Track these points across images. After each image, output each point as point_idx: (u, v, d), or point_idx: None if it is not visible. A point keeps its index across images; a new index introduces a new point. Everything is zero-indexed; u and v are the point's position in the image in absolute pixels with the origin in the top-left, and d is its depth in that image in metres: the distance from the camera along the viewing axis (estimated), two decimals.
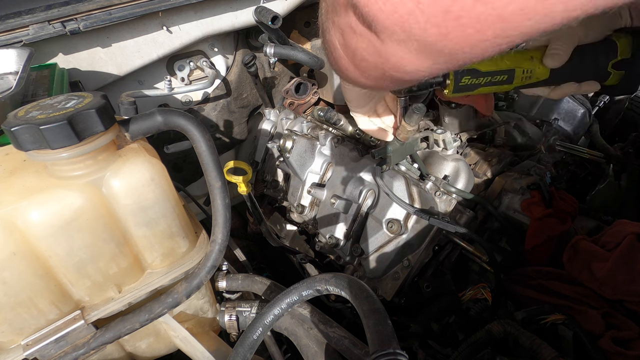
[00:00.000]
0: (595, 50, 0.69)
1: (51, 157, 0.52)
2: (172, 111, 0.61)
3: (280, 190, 1.41)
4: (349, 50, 0.48)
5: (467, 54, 0.39)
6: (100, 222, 0.58)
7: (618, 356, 0.75)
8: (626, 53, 0.69)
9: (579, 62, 0.69)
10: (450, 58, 0.40)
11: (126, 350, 0.79)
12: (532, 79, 0.71)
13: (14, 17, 0.88)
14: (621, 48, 0.69)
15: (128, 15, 0.94)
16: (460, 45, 0.37)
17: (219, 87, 1.32)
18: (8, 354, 0.59)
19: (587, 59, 0.69)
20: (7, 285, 0.54)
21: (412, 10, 0.35)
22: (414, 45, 0.39)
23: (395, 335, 0.57)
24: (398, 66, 0.44)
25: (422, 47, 0.39)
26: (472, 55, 0.39)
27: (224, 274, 0.91)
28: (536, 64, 0.69)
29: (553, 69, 0.69)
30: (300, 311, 0.80)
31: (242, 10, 1.14)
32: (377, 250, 1.06)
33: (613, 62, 0.69)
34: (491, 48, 0.38)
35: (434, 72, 0.44)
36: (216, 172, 0.64)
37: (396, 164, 1.05)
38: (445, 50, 0.38)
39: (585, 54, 0.69)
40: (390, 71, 0.46)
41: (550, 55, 0.68)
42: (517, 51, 0.72)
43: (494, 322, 0.84)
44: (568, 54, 0.67)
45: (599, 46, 0.69)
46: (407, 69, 0.44)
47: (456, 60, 0.40)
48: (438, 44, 0.38)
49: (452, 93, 0.72)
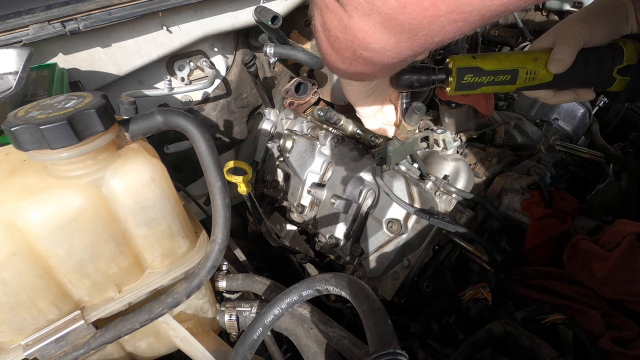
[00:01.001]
0: (600, 54, 0.68)
1: (51, 157, 0.52)
2: (172, 111, 0.61)
3: (280, 190, 1.41)
4: (326, 30, 0.50)
5: (426, 29, 0.40)
6: (100, 222, 0.58)
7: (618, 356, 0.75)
8: (632, 59, 0.68)
9: (583, 65, 0.68)
10: (412, 35, 0.42)
11: (126, 350, 0.79)
12: (535, 80, 0.70)
13: (14, 17, 0.87)
14: (627, 54, 0.67)
15: (128, 15, 0.94)
16: (418, 20, 0.39)
17: (219, 87, 1.32)
18: (8, 354, 0.59)
19: (591, 63, 0.68)
20: (7, 285, 0.54)
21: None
22: (377, 19, 0.41)
23: (395, 335, 0.57)
24: (365, 43, 0.46)
25: (384, 20, 0.41)
26: (431, 32, 0.41)
27: (224, 274, 0.91)
28: (540, 66, 0.68)
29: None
30: (300, 311, 0.80)
31: (242, 10, 1.14)
32: (377, 250, 1.06)
33: (618, 67, 0.68)
34: (448, 25, 0.39)
35: (401, 51, 0.46)
36: (216, 172, 0.64)
37: (396, 163, 1.05)
38: (406, 25, 0.40)
39: (590, 57, 0.68)
40: (359, 50, 0.48)
41: (554, 61, 0.67)
42: (521, 52, 0.71)
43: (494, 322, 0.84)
44: (572, 59, 0.66)
45: (605, 50, 0.68)
46: (374, 47, 0.46)
47: (417, 37, 0.42)
48: (398, 17, 0.40)
49: (454, 91, 0.72)
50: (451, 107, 1.01)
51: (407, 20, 0.40)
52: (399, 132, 0.95)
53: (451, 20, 0.39)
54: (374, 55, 0.48)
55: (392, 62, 0.49)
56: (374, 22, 0.42)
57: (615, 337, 0.78)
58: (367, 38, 0.45)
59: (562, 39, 0.67)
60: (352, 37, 0.46)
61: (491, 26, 1.77)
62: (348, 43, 0.48)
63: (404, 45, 0.44)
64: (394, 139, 0.97)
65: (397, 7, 0.38)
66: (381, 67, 0.53)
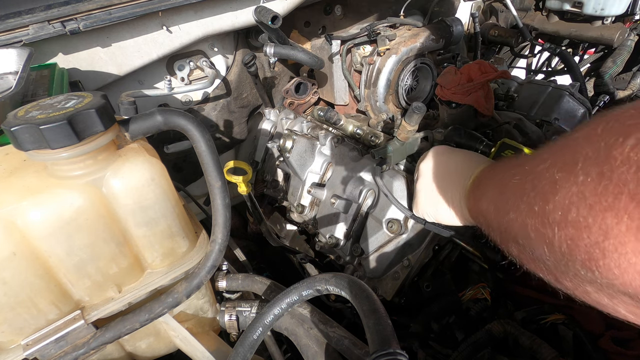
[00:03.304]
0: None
1: (51, 157, 0.52)
2: (172, 111, 0.61)
3: (280, 190, 1.41)
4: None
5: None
6: (100, 222, 0.58)
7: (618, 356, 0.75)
8: None
9: None
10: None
11: (126, 350, 0.79)
12: None
13: (14, 17, 0.87)
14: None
15: (128, 15, 0.94)
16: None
17: (219, 87, 1.32)
18: (8, 354, 0.59)
19: None
20: (7, 285, 0.54)
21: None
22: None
23: (395, 335, 0.57)
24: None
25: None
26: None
27: (224, 273, 0.91)
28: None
29: None
30: (300, 311, 0.80)
31: (242, 10, 1.14)
32: (377, 250, 1.06)
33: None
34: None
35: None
36: (216, 172, 0.64)
37: (396, 163, 1.05)
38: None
39: None
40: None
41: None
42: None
43: (494, 322, 0.84)
44: None
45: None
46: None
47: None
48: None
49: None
50: (451, 107, 1.01)
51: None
52: (399, 132, 0.95)
53: None
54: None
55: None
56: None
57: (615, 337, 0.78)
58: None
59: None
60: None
61: (491, 26, 1.77)
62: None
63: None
64: (394, 139, 0.97)
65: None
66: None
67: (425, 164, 0.83)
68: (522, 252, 0.46)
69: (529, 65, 1.98)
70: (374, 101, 1.26)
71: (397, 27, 1.28)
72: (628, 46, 1.57)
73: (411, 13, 1.48)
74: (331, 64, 1.26)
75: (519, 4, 1.83)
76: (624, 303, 0.36)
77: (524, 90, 1.23)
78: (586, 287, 0.38)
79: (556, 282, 0.43)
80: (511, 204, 0.45)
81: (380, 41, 1.18)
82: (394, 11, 1.49)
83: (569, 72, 1.56)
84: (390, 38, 1.19)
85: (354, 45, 1.25)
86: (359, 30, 1.24)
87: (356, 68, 1.28)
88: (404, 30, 1.26)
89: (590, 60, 1.82)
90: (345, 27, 1.44)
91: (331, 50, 1.23)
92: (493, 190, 0.54)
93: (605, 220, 0.31)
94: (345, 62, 1.26)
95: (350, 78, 1.28)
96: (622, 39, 1.57)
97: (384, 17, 1.44)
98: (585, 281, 0.37)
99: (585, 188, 0.33)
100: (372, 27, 1.21)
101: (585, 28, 1.61)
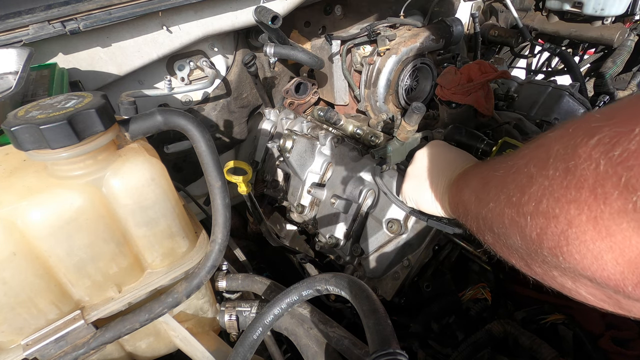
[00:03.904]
0: None
1: (51, 157, 0.52)
2: (172, 111, 0.61)
3: (280, 190, 1.41)
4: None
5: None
6: (100, 222, 0.58)
7: (618, 356, 0.75)
8: None
9: None
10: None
11: (126, 350, 0.79)
12: None
13: (14, 16, 0.87)
14: None
15: (128, 15, 0.94)
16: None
17: (219, 87, 1.32)
18: (8, 354, 0.59)
19: None
20: (7, 285, 0.54)
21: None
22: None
23: (395, 335, 0.57)
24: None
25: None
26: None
27: (224, 273, 0.91)
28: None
29: None
30: (300, 311, 0.80)
31: (242, 10, 1.14)
32: (377, 250, 1.06)
33: None
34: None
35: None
36: (216, 172, 0.64)
37: (396, 163, 1.05)
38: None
39: None
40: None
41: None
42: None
43: (494, 322, 0.84)
44: None
45: None
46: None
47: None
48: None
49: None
50: (451, 107, 1.01)
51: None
52: (399, 132, 0.95)
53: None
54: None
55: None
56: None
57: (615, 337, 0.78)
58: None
59: None
60: (620, 307, 0.40)
61: (491, 26, 1.77)
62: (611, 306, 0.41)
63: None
64: (393, 139, 0.97)
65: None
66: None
67: (420, 153, 0.87)
68: (496, 241, 0.50)
69: (529, 65, 1.98)
70: (374, 101, 1.26)
71: (397, 27, 1.28)
72: (628, 46, 1.57)
73: (411, 13, 1.48)
74: (331, 64, 1.26)
75: (519, 4, 1.83)
76: (584, 285, 0.40)
77: (524, 90, 1.23)
78: (553, 272, 0.42)
79: (527, 268, 0.46)
80: (492, 195, 0.48)
81: (380, 41, 1.18)
82: (394, 11, 1.49)
83: (569, 72, 1.56)
84: (390, 38, 1.19)
85: (354, 45, 1.25)
86: (359, 30, 1.24)
87: (356, 68, 1.28)
88: (404, 30, 1.26)
89: (590, 60, 1.82)
90: (345, 27, 1.44)
91: (331, 50, 1.23)
92: (477, 182, 0.57)
93: (569, 211, 0.34)
94: (345, 62, 1.26)
95: (350, 78, 1.28)
96: (622, 39, 1.57)
97: (384, 17, 1.44)
98: (552, 266, 0.41)
99: (554, 182, 0.36)
100: (372, 27, 1.21)
101: (585, 28, 1.61)
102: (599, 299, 0.40)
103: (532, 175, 0.39)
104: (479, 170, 0.62)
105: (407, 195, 0.89)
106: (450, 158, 0.80)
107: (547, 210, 0.37)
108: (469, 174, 0.66)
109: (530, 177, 0.39)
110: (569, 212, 0.34)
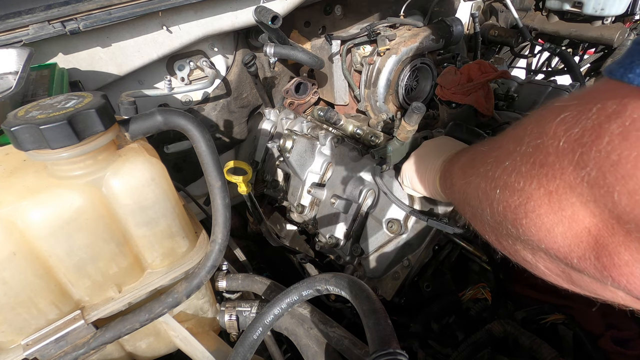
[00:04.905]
0: None
1: (51, 157, 0.52)
2: (172, 111, 0.61)
3: (280, 190, 1.41)
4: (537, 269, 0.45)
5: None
6: (100, 222, 0.58)
7: (618, 356, 0.75)
8: None
9: None
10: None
11: (126, 350, 0.79)
12: None
13: (14, 17, 0.87)
14: None
15: (128, 15, 0.94)
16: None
17: (219, 87, 1.32)
18: (8, 354, 0.59)
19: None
20: (7, 285, 0.54)
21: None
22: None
23: (395, 335, 0.57)
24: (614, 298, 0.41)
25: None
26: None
27: (224, 273, 0.91)
28: None
29: None
30: (300, 311, 0.80)
31: (242, 10, 1.14)
32: (377, 250, 1.06)
33: None
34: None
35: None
36: (216, 172, 0.64)
37: (396, 163, 1.05)
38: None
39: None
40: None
41: None
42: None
43: (494, 322, 0.84)
44: None
45: None
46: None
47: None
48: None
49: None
50: (451, 107, 1.01)
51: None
52: (399, 132, 0.95)
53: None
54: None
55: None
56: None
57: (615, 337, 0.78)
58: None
59: None
60: (595, 290, 0.40)
61: (491, 26, 1.77)
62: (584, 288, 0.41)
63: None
64: (394, 139, 0.97)
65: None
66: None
67: (426, 141, 0.91)
68: (473, 215, 0.51)
69: (529, 65, 1.98)
70: (374, 101, 1.26)
71: (397, 27, 1.28)
72: (628, 46, 1.57)
73: (411, 13, 1.48)
74: (331, 64, 1.26)
75: (519, 4, 1.83)
76: (542, 259, 0.41)
77: (524, 90, 1.23)
78: (516, 246, 0.44)
79: (497, 242, 0.48)
80: (475, 170, 0.49)
81: (380, 41, 1.18)
82: (394, 11, 1.49)
83: (569, 72, 1.56)
84: (390, 38, 1.19)
85: (354, 45, 1.25)
86: (359, 30, 1.24)
87: (356, 68, 1.28)
88: (404, 30, 1.26)
89: (590, 60, 1.82)
90: (345, 27, 1.44)
91: (331, 50, 1.23)
92: (466, 158, 0.60)
93: (531, 185, 0.36)
94: (345, 62, 1.26)
95: (350, 78, 1.28)
96: (622, 39, 1.57)
97: (384, 17, 1.44)
98: (515, 240, 0.42)
99: (524, 157, 0.37)
100: (372, 27, 1.21)
101: (585, 28, 1.61)
102: (555, 273, 0.42)
103: (509, 151, 0.40)
104: (471, 148, 0.65)
105: (405, 174, 0.92)
106: (451, 143, 0.83)
107: (513, 183, 0.38)
108: (462, 151, 0.69)
109: (508, 153, 0.41)
110: (530, 185, 0.36)
